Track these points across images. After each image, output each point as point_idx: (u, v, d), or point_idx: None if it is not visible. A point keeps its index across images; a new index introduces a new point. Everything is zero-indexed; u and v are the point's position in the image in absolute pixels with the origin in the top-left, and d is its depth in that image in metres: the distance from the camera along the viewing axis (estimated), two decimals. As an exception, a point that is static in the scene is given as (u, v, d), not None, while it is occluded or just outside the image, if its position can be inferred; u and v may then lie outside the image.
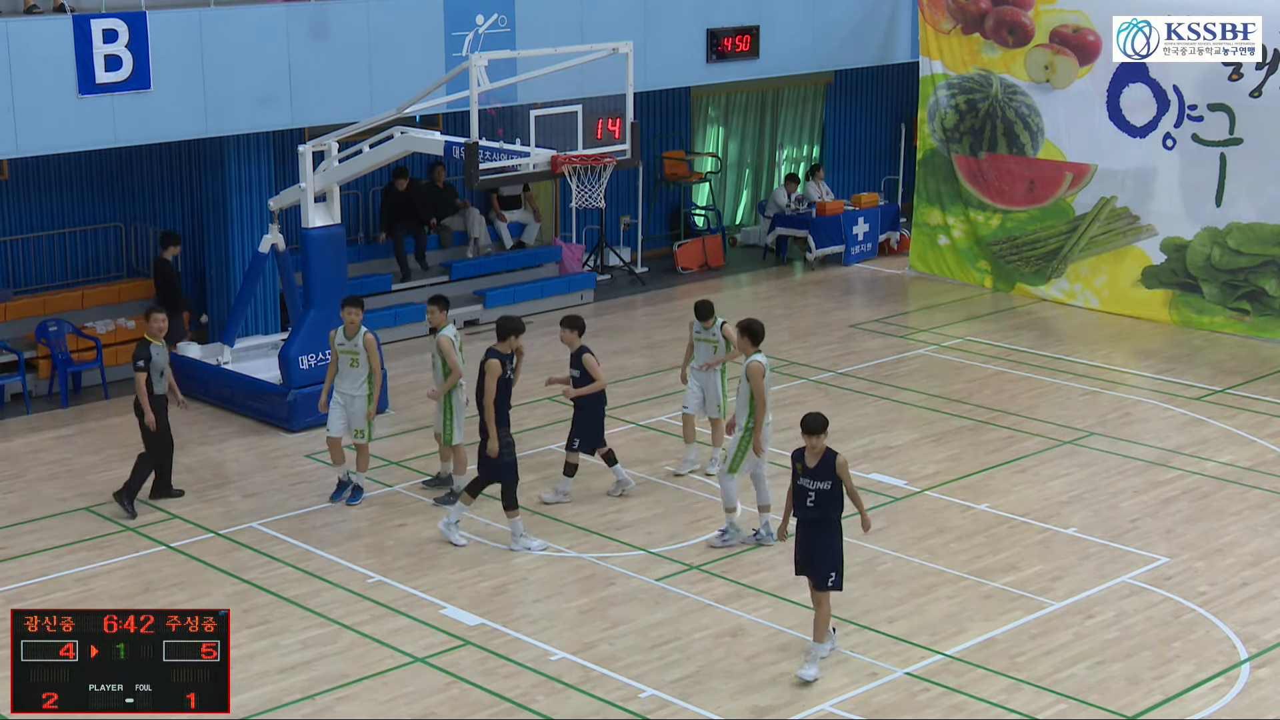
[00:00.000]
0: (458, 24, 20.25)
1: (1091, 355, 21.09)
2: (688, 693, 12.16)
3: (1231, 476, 16.70)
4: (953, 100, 24.62)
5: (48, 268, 20.19)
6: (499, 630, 13.18)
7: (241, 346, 19.41)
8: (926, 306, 23.80)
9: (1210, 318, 22.28)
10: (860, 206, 26.57)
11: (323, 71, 19.31)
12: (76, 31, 17.41)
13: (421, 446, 17.41)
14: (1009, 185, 24.25)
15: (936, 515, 15.67)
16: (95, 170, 20.28)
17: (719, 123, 27.50)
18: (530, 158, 16.67)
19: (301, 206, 18.13)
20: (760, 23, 23.62)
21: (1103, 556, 14.66)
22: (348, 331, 15.54)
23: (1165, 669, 12.55)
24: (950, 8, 24.42)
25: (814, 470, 12.17)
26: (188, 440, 17.55)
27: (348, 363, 15.54)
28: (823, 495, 12.15)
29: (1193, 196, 22.44)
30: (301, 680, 12.33)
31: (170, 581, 14.11)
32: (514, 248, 23.98)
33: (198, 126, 18.64)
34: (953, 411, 18.72)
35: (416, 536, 15.11)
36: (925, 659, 12.71)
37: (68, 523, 15.46)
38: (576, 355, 15.57)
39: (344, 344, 15.56)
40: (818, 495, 12.17)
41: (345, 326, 15.55)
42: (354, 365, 15.51)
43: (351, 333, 15.52)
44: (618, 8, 21.80)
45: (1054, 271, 23.83)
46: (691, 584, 14.02)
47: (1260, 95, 21.49)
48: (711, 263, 25.98)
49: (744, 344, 14.50)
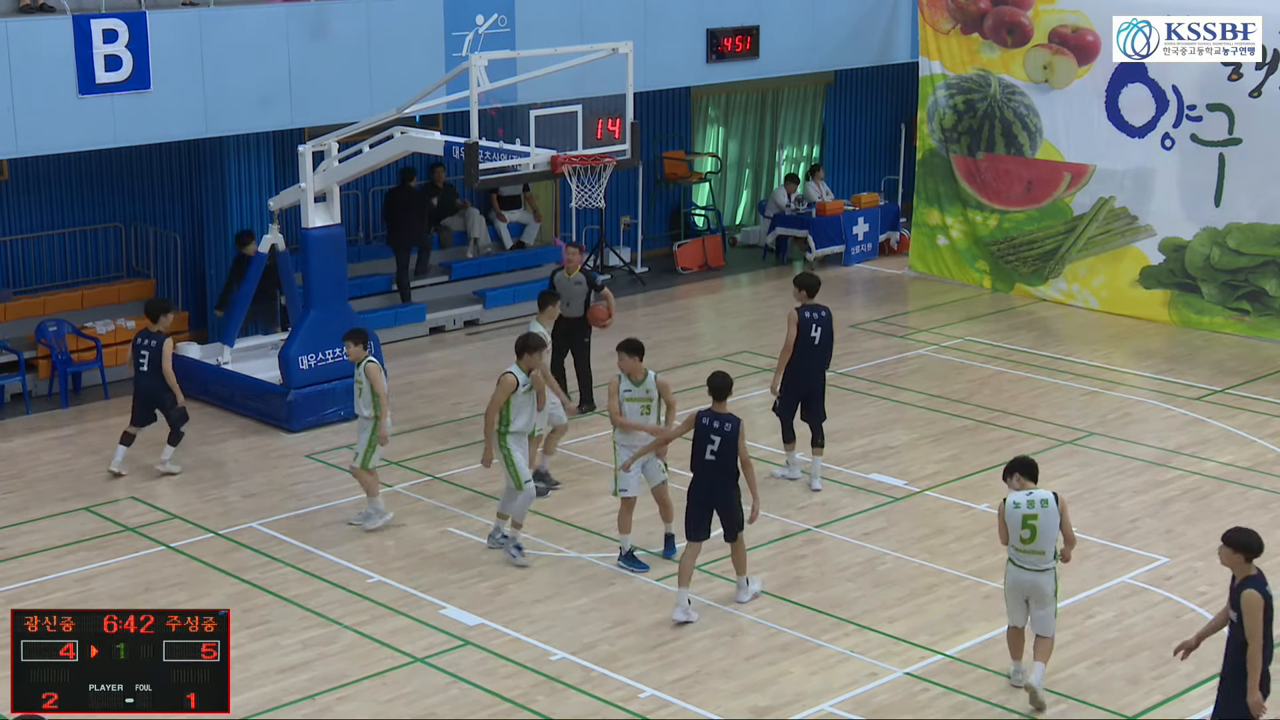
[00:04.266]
0: (458, 24, 20.25)
1: (1091, 355, 21.10)
2: (687, 693, 12.17)
3: (1231, 476, 16.71)
4: (951, 100, 24.63)
5: (47, 268, 20.19)
6: (499, 630, 13.18)
7: (241, 347, 19.41)
8: (926, 307, 23.81)
9: (1210, 318, 22.29)
10: (860, 206, 26.58)
11: (323, 72, 19.32)
12: (76, 31, 17.41)
13: (421, 447, 17.43)
14: (1006, 185, 24.25)
15: (936, 515, 15.68)
16: (95, 170, 20.28)
17: (719, 123, 27.50)
18: (530, 158, 16.66)
19: (301, 207, 18.13)
20: (760, 23, 23.63)
21: (1103, 556, 14.66)
22: (352, 360, 15.23)
23: (1165, 669, 12.55)
24: (949, 8, 24.42)
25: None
26: (187, 441, 17.54)
27: (357, 390, 15.21)
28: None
29: (1191, 197, 22.43)
30: (301, 680, 12.33)
31: (170, 581, 14.12)
32: (514, 248, 23.98)
33: (197, 127, 18.64)
34: (952, 412, 18.73)
35: (416, 537, 15.11)
36: (925, 659, 12.71)
37: (67, 523, 15.46)
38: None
39: (354, 371, 15.31)
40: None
41: (349, 356, 15.22)
42: (360, 395, 15.18)
43: (355, 361, 15.16)
44: (617, 8, 21.80)
45: (1052, 272, 23.83)
46: (692, 584, 14.01)
47: (1260, 95, 21.49)
48: (711, 263, 25.99)
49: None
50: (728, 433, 13.04)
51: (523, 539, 14.52)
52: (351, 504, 15.79)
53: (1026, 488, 11.80)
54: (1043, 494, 11.74)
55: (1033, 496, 11.72)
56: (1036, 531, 11.67)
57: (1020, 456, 12.13)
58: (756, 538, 14.96)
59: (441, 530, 15.27)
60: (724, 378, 13.38)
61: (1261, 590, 10.02)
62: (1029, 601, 11.89)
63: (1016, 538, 11.74)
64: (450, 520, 15.51)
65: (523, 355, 14.42)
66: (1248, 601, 9.99)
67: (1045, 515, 11.67)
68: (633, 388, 14.14)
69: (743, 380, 18.99)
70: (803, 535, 15.11)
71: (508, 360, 14.78)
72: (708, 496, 13.25)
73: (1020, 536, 11.71)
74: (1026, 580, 11.81)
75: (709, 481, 13.22)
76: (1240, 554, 10.13)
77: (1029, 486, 11.81)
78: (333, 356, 18.04)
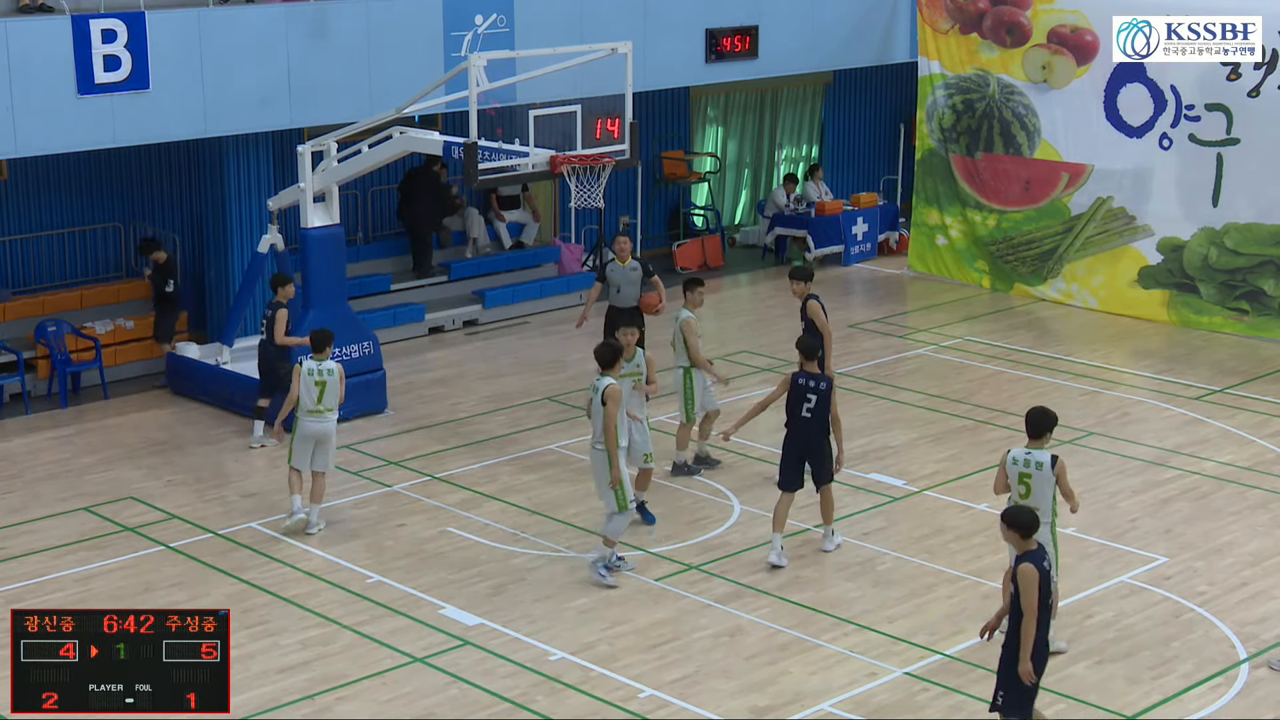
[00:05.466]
0: (457, 24, 20.25)
1: (1090, 355, 21.10)
2: (687, 693, 12.17)
3: (1230, 476, 16.72)
4: (950, 100, 24.64)
5: (47, 268, 20.20)
6: (498, 630, 13.19)
7: (240, 347, 19.40)
8: (925, 306, 23.82)
9: (1209, 318, 22.29)
10: (859, 206, 26.59)
11: (322, 72, 19.32)
12: (75, 32, 17.41)
13: (420, 447, 17.43)
14: (1005, 185, 24.26)
15: (935, 515, 15.68)
16: (94, 170, 20.28)
17: (718, 123, 27.51)
18: (529, 158, 16.67)
19: (300, 207, 18.13)
20: (759, 23, 23.63)
21: (1102, 556, 14.67)
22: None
23: (1164, 669, 12.56)
24: (949, 8, 24.43)
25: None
26: (187, 440, 17.59)
27: (321, 390, 15.14)
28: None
29: (1189, 197, 22.44)
30: (301, 680, 12.33)
31: (169, 581, 14.12)
32: (513, 248, 23.99)
33: (197, 127, 18.64)
34: (952, 411, 18.73)
35: (415, 536, 15.11)
36: (924, 659, 12.72)
37: (67, 523, 15.46)
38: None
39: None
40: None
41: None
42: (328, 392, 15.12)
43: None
44: (617, 8, 21.80)
45: (1050, 272, 23.84)
46: (691, 584, 14.03)
47: (1258, 95, 21.50)
48: (710, 263, 25.99)
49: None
50: (823, 390, 14.28)
51: (607, 556, 14.18)
52: (350, 503, 15.80)
53: (1033, 445, 12.29)
54: (1041, 456, 12.22)
55: (1031, 456, 12.22)
56: (1031, 490, 12.20)
57: (1035, 408, 12.50)
58: (755, 537, 14.99)
59: (441, 530, 15.27)
60: (814, 341, 14.80)
61: (1038, 565, 10.44)
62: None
63: (1015, 492, 12.28)
64: (449, 520, 15.51)
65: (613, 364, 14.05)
66: (1023, 575, 10.43)
67: (1039, 476, 12.17)
68: (625, 364, 14.80)
69: (741, 380, 19.01)
70: (802, 535, 15.11)
71: (507, 361, 14.79)
72: (803, 450, 14.38)
73: (1018, 492, 12.26)
74: None
75: (804, 435, 14.36)
76: (1017, 531, 10.58)
77: (1034, 445, 12.29)
78: (332, 356, 18.02)
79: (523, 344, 21.65)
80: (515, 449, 17.44)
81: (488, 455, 17.28)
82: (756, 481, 16.27)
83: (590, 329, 18.60)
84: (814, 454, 14.39)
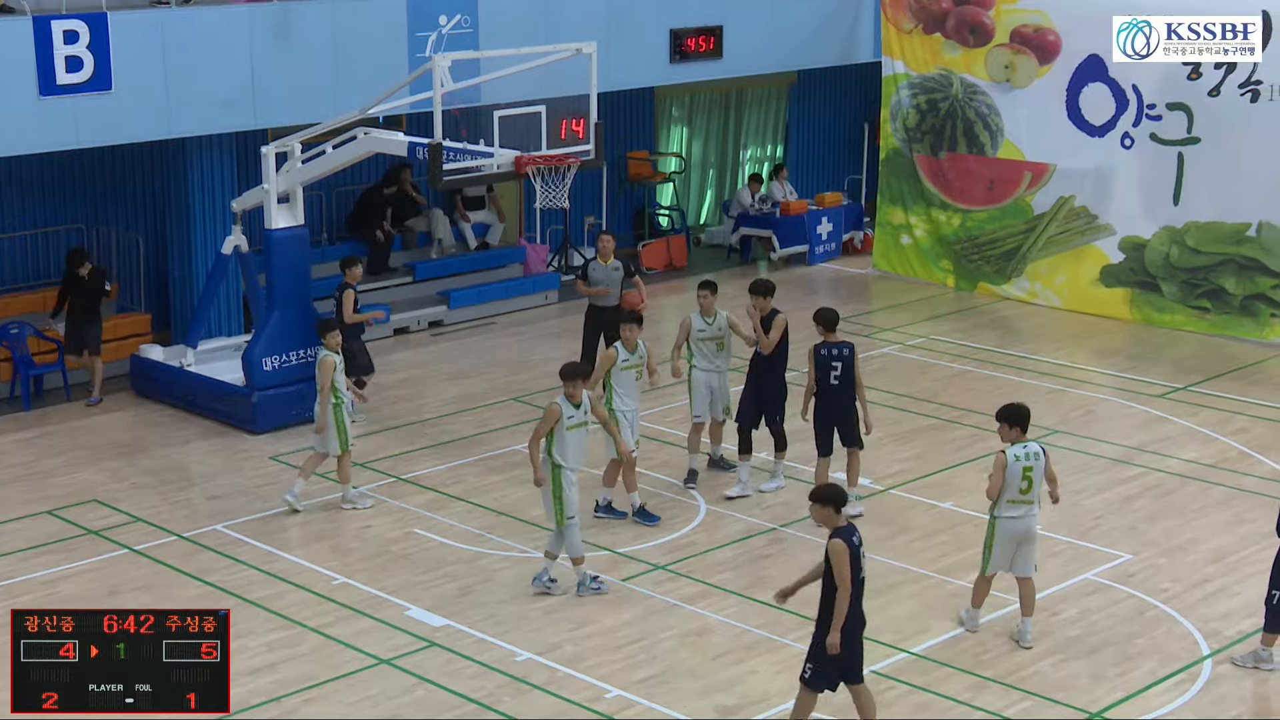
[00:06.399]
0: (421, 25, 20.21)
1: (1054, 354, 21.21)
2: (654, 693, 12.18)
3: (1194, 474, 16.82)
4: (914, 100, 24.72)
5: (9, 269, 20.07)
6: (464, 631, 13.18)
7: (205, 348, 19.33)
8: (890, 306, 23.89)
9: (1171, 316, 22.43)
10: (824, 206, 26.65)
11: (285, 73, 19.25)
12: (37, 33, 17.30)
13: (387, 448, 17.41)
14: (969, 185, 24.35)
15: (901, 514, 15.73)
16: (57, 172, 20.16)
17: (683, 123, 27.53)
18: (494, 158, 16.66)
19: (265, 208, 18.08)
20: (724, 23, 23.65)
21: (1066, 554, 14.74)
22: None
23: (1128, 665, 12.63)
24: (912, 7, 24.51)
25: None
26: (151, 442, 17.51)
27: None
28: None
29: (1151, 195, 22.57)
30: (267, 683, 12.30)
31: (135, 584, 14.06)
32: (478, 248, 23.96)
33: (160, 128, 18.56)
34: (917, 410, 18.80)
35: (381, 538, 15.09)
36: (890, 657, 12.76)
37: (31, 526, 15.38)
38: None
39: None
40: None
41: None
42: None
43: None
44: (581, 8, 21.80)
45: (1014, 271, 23.95)
46: (657, 584, 14.05)
47: (1218, 95, 21.63)
48: (676, 263, 26.01)
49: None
50: (846, 356, 15.08)
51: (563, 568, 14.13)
52: (319, 504, 15.77)
53: (1021, 440, 12.71)
54: (1034, 447, 12.77)
55: (1028, 449, 12.69)
56: (1033, 482, 12.66)
57: (1013, 405, 12.92)
58: (721, 537, 15.01)
59: (407, 531, 15.25)
60: (832, 310, 15.42)
61: (848, 540, 10.82)
62: (1019, 546, 12.81)
63: (1015, 489, 12.63)
64: (415, 521, 15.49)
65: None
66: (834, 550, 10.79)
67: (1038, 466, 12.69)
68: (629, 356, 15.24)
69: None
70: (767, 534, 15.15)
71: (472, 361, 14.79)
72: (831, 417, 15.22)
73: (1019, 488, 12.64)
74: (1021, 528, 12.77)
75: (833, 403, 15.19)
76: (828, 508, 10.94)
77: (1023, 439, 12.72)
78: (297, 358, 18.01)
79: (488, 344, 21.64)
80: (481, 450, 17.43)
81: (454, 456, 17.27)
82: (722, 481, 16.30)
83: (565, 327, 18.42)
84: (843, 420, 15.18)
